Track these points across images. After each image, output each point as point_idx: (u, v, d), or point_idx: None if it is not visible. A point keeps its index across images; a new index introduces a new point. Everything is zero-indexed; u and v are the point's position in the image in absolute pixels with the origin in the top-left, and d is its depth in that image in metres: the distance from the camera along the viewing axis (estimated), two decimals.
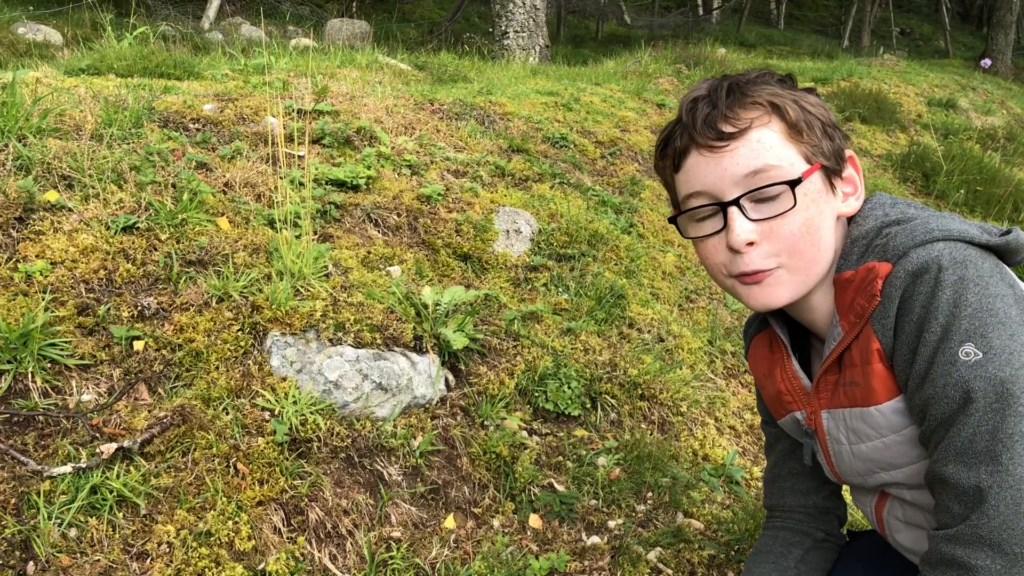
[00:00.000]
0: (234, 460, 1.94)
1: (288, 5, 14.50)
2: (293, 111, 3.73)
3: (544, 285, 3.24)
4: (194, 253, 2.43)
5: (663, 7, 24.24)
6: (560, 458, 2.46)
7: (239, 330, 2.23)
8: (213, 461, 1.91)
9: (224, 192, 2.83)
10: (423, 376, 2.41)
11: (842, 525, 1.66)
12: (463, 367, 2.57)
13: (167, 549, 1.72)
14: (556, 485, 2.37)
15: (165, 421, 1.93)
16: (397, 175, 3.47)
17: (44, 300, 2.06)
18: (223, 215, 2.66)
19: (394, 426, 2.26)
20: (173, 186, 2.66)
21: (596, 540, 2.21)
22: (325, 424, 2.12)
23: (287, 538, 1.89)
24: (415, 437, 2.28)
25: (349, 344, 2.33)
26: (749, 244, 1.23)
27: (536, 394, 2.62)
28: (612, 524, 2.29)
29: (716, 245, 1.29)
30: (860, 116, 8.26)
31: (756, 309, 1.31)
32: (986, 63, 14.96)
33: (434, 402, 2.42)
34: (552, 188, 4.05)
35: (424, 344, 2.49)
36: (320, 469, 2.06)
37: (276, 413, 2.09)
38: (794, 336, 1.47)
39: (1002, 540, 1.05)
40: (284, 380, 2.17)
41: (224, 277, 2.36)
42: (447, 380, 2.51)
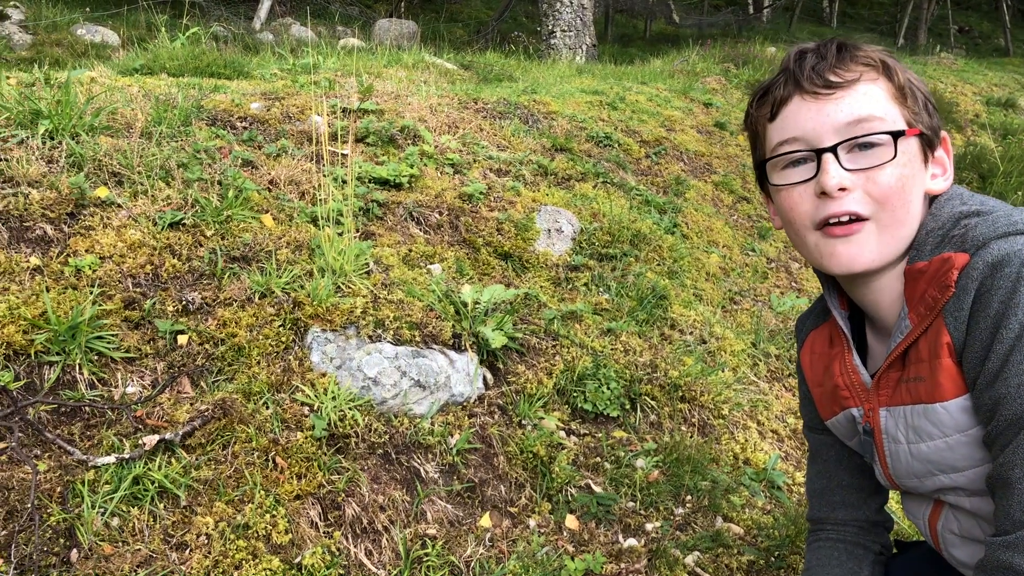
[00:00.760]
0: (273, 454, 1.96)
1: (337, 6, 14.67)
2: (338, 110, 3.76)
3: (585, 285, 3.22)
4: (238, 249, 2.46)
5: (712, 6, 23.95)
6: (598, 459, 2.44)
7: (280, 326, 2.26)
8: (252, 455, 1.94)
9: (269, 189, 2.87)
10: (461, 374, 2.41)
11: (889, 532, 1.61)
12: (501, 366, 2.56)
13: (205, 541, 1.74)
14: (593, 486, 2.35)
15: (206, 414, 1.96)
16: (440, 174, 3.49)
17: (92, 294, 2.10)
18: (267, 212, 2.69)
19: (431, 423, 2.27)
20: (219, 183, 2.70)
21: (633, 542, 2.19)
22: (363, 420, 2.14)
23: (323, 532, 1.91)
24: (452, 435, 2.28)
25: (388, 341, 2.34)
26: (841, 189, 1.19)
27: (575, 394, 2.60)
28: (649, 527, 2.26)
29: (803, 193, 1.25)
30: None
31: (836, 270, 1.25)
32: None
33: (472, 400, 2.42)
34: (595, 187, 4.03)
35: (463, 342, 2.49)
36: (357, 465, 2.07)
37: (315, 408, 2.11)
38: (852, 332, 1.42)
39: None
40: (324, 376, 2.19)
41: (267, 273, 2.39)
42: (485, 378, 2.51)
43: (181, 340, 2.15)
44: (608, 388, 2.63)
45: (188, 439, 1.92)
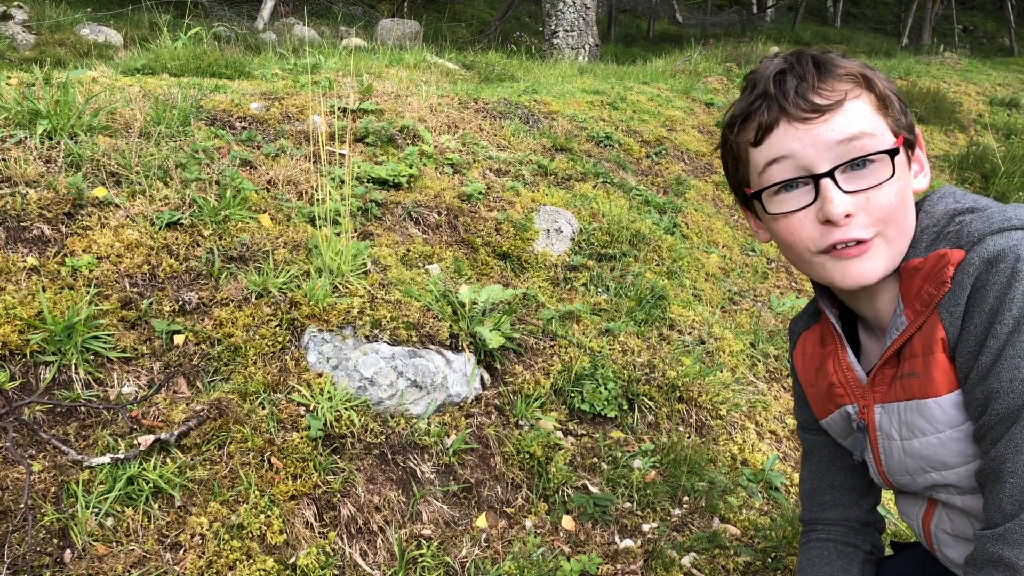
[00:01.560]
0: (268, 454, 1.96)
1: (340, 6, 14.68)
2: (338, 110, 3.77)
3: (583, 285, 3.22)
4: (235, 249, 2.46)
5: (716, 5, 23.93)
6: (595, 460, 2.44)
7: (277, 326, 2.26)
8: (248, 455, 1.94)
9: (267, 189, 2.87)
10: (458, 374, 2.41)
11: (880, 534, 1.61)
12: (499, 366, 2.56)
13: (200, 541, 1.74)
14: (590, 487, 2.35)
15: (202, 414, 1.96)
16: (439, 174, 3.48)
17: (89, 294, 2.11)
18: (265, 212, 2.70)
19: (428, 424, 2.27)
20: (217, 183, 2.70)
21: (629, 543, 2.19)
22: (359, 420, 2.14)
23: (318, 533, 1.91)
24: (449, 435, 2.28)
25: (385, 341, 2.34)
26: (847, 216, 1.18)
27: (572, 394, 2.60)
28: (646, 527, 2.26)
29: (804, 219, 1.22)
30: (917, 115, 8.03)
31: (847, 286, 1.23)
32: None
33: (469, 400, 2.42)
34: (595, 187, 4.02)
35: (460, 342, 2.49)
36: (353, 465, 2.07)
37: (311, 408, 2.11)
38: (844, 331, 1.42)
39: None
40: (320, 376, 2.19)
41: (264, 273, 2.39)
42: (482, 379, 2.51)
43: (177, 340, 2.15)
44: (606, 388, 2.62)
45: (183, 439, 1.92)
